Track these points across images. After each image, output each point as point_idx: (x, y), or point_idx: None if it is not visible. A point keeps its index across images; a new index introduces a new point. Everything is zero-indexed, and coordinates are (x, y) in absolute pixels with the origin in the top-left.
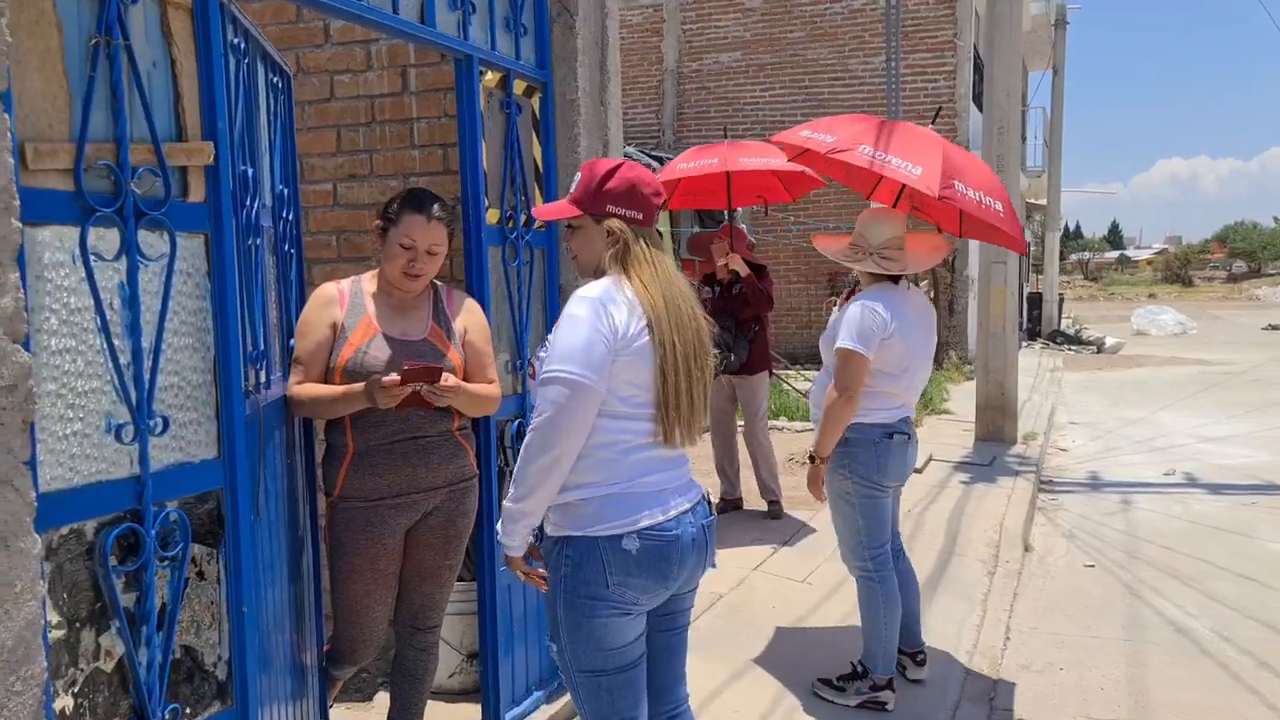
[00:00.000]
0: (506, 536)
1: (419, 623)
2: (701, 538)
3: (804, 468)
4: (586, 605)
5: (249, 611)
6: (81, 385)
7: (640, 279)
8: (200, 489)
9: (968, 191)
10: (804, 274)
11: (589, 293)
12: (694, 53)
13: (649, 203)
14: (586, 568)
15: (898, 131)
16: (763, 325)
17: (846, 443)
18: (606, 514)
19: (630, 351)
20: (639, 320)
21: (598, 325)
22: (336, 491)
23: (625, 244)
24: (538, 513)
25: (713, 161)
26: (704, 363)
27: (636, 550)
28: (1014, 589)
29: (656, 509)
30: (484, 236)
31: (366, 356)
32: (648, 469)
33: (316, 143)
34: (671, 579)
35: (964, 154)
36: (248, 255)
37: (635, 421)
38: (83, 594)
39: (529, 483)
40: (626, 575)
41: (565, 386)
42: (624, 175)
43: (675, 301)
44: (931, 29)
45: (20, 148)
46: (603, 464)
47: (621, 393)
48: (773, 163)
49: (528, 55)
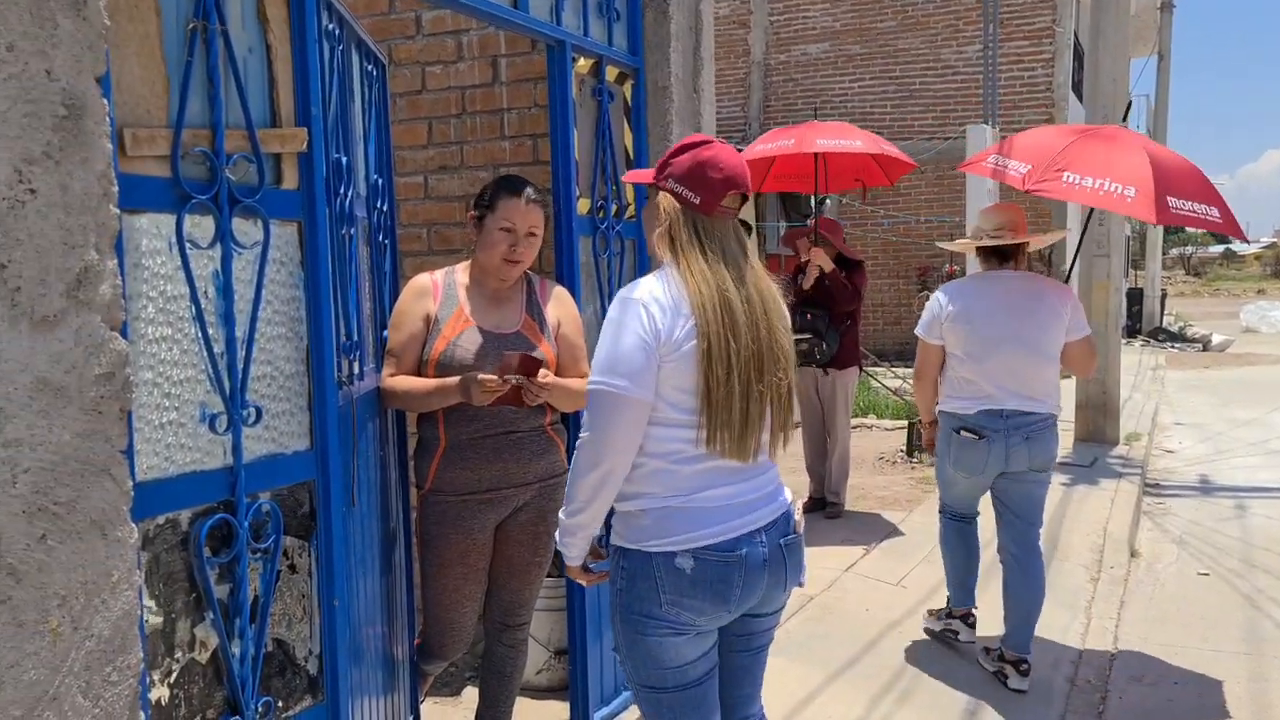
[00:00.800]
0: (565, 548)
1: (508, 619)
2: (778, 557)
3: (894, 466)
4: (640, 623)
5: (340, 605)
6: (177, 374)
7: (689, 270)
8: (293, 480)
9: (1183, 205)
10: (893, 269)
11: (629, 293)
12: (781, 44)
13: (712, 187)
14: (640, 584)
15: (1095, 145)
16: (855, 320)
17: (935, 423)
18: (662, 528)
19: (678, 355)
20: (688, 320)
21: (637, 329)
22: (428, 485)
23: (670, 226)
24: (594, 524)
25: (789, 142)
26: (772, 376)
27: (691, 570)
28: (1120, 596)
29: (717, 526)
30: (575, 226)
31: (458, 349)
32: (710, 481)
33: (408, 135)
34: (733, 601)
35: (1166, 154)
36: (341, 245)
37: (686, 430)
38: (178, 585)
39: (581, 498)
40: (680, 595)
41: (605, 399)
42: (698, 152)
43: (731, 299)
44: (1030, 15)
45: (119, 133)
46: (658, 474)
47: (671, 398)
48: (854, 145)
49: (620, 41)
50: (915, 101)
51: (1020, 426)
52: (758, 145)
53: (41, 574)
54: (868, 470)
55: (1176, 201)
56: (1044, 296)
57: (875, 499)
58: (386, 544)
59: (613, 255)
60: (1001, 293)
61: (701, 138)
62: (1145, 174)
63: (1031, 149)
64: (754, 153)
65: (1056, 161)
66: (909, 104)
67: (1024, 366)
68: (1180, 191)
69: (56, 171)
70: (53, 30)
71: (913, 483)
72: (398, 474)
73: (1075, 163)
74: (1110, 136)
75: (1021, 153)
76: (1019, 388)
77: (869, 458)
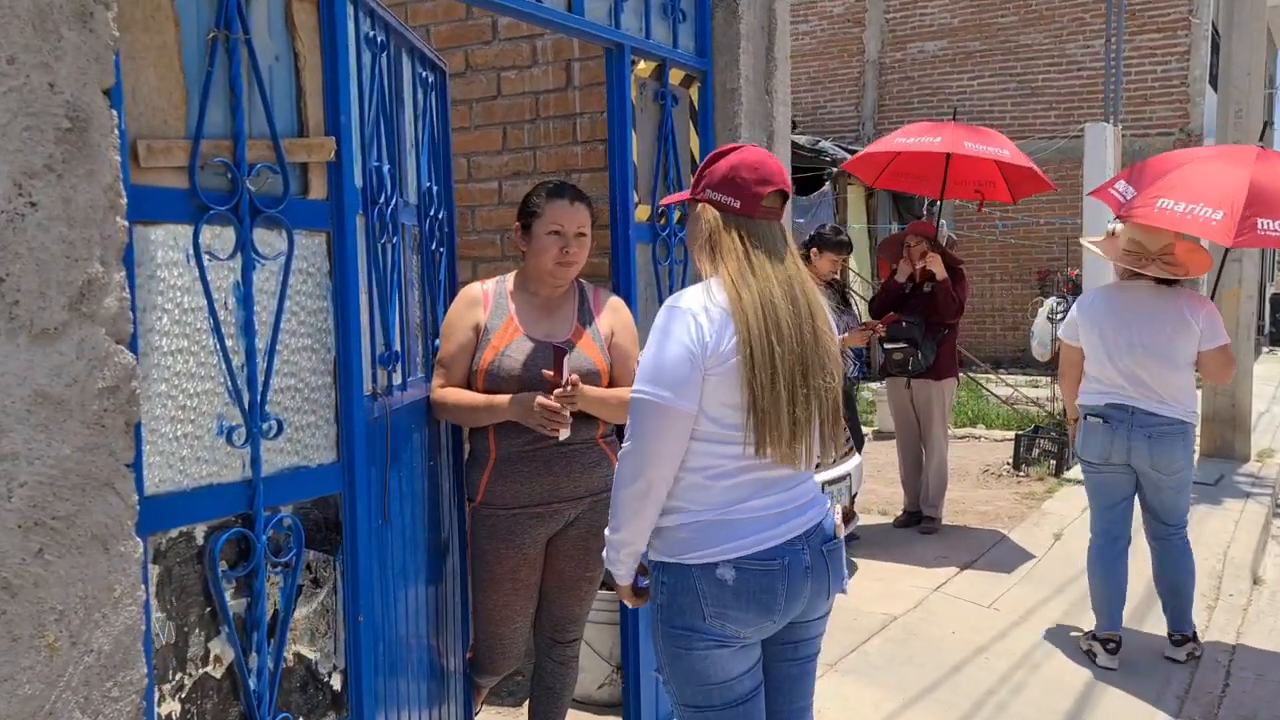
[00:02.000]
0: (611, 565)
1: (558, 635)
2: (820, 565)
3: (1000, 480)
4: (683, 637)
5: (366, 620)
6: (193, 387)
7: (729, 273)
8: (317, 494)
9: (1269, 228)
10: (1011, 272)
11: (677, 301)
12: (897, 42)
13: (748, 189)
14: (681, 597)
15: (1206, 169)
16: (952, 328)
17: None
18: (699, 540)
19: (724, 369)
20: (734, 332)
21: (683, 339)
22: (478, 498)
23: (713, 234)
24: (640, 541)
25: (935, 140)
26: (819, 380)
27: (733, 580)
28: (1237, 628)
29: (755, 536)
30: (632, 234)
31: (507, 359)
32: (746, 493)
33: (483, 140)
34: (777, 611)
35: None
36: (381, 254)
37: (727, 445)
38: (192, 598)
39: (623, 512)
40: (724, 607)
41: (648, 410)
42: (729, 159)
43: (776, 303)
44: (1163, 5)
45: (133, 145)
46: (693, 488)
47: (713, 413)
48: (1001, 153)
49: (686, 43)
50: (1037, 99)
51: (1144, 425)
52: (897, 137)
53: (38, 588)
54: (971, 483)
55: (1266, 223)
56: (1174, 307)
57: (975, 514)
58: (435, 554)
59: (674, 263)
60: (1132, 302)
61: (732, 145)
62: (1238, 196)
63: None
64: (892, 145)
65: (1157, 188)
66: (1030, 101)
67: (1151, 373)
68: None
69: (59, 184)
70: (56, 43)
71: (1017, 498)
72: (451, 484)
73: (1174, 188)
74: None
75: (1140, 177)
76: (1146, 391)
77: (973, 470)
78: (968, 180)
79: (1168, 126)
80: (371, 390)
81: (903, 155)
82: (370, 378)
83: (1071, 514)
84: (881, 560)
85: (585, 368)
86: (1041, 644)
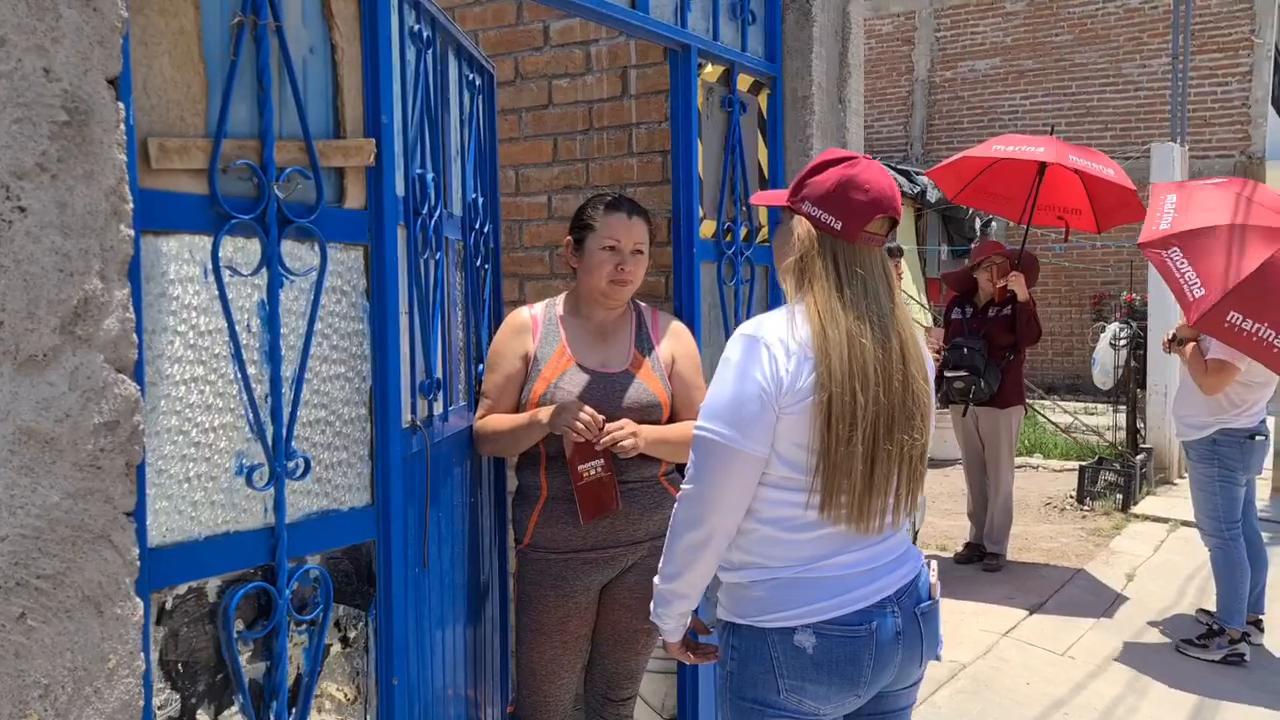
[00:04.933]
0: (659, 620)
1: (611, 693)
2: (913, 629)
3: (1063, 514)
4: (754, 711)
5: (400, 683)
6: (208, 420)
7: (816, 304)
8: (348, 541)
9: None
10: (1065, 296)
11: (752, 330)
12: (947, 60)
13: (857, 211)
14: (754, 665)
15: (1220, 231)
16: (1019, 353)
17: (1215, 442)
18: (776, 602)
19: (799, 408)
20: (814, 369)
21: (756, 374)
22: (526, 539)
23: (804, 256)
24: (693, 595)
25: (1038, 150)
26: (904, 435)
27: (813, 649)
28: None
29: (840, 597)
30: (696, 251)
31: (559, 391)
32: (830, 549)
33: (533, 152)
34: (862, 684)
35: None
36: (423, 271)
37: (805, 494)
38: (201, 664)
39: (677, 561)
40: (802, 679)
41: (712, 450)
42: (839, 170)
43: (864, 344)
44: (1225, 25)
45: (143, 143)
46: (768, 542)
47: (787, 455)
48: (1106, 171)
49: (755, 47)
50: (1093, 119)
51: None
52: (994, 145)
53: (19, 659)
54: (1032, 517)
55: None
56: None
57: (1040, 550)
58: (475, 599)
59: (740, 283)
60: None
61: (843, 153)
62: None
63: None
64: (989, 151)
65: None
66: (1085, 121)
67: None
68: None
69: (53, 186)
70: (54, 22)
71: (1083, 534)
72: (492, 520)
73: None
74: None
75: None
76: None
77: (1034, 502)
78: (1054, 205)
79: (1228, 149)
80: (410, 422)
81: (989, 171)
82: (409, 408)
83: (1144, 553)
84: (944, 599)
85: (645, 400)
86: (1124, 698)
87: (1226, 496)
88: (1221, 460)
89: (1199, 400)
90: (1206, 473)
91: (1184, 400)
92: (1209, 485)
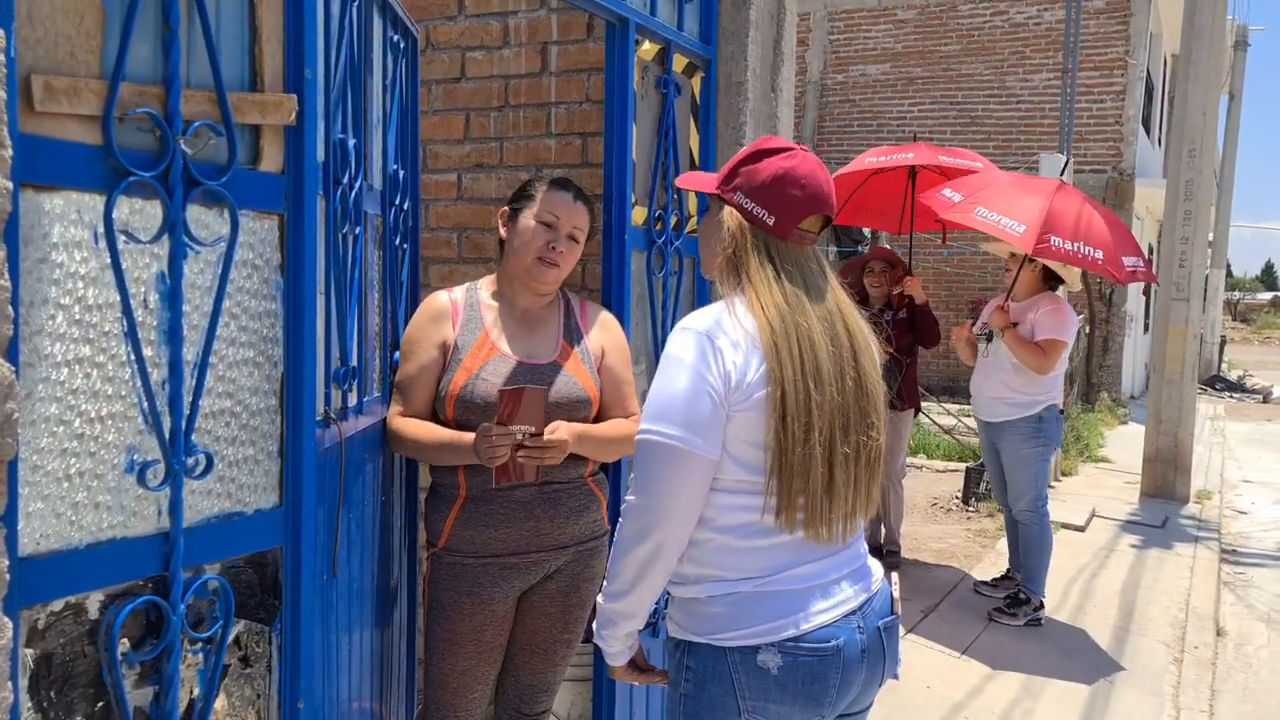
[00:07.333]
0: (603, 642)
1: (525, 706)
2: (876, 645)
3: (949, 515)
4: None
5: (306, 707)
6: (95, 409)
7: (758, 299)
8: (253, 548)
9: (1060, 245)
10: (945, 301)
11: (693, 323)
12: (839, 63)
13: (791, 207)
14: (712, 686)
15: (1012, 187)
16: (914, 358)
17: (1041, 419)
18: (736, 618)
19: (749, 404)
20: (763, 361)
21: (702, 370)
22: (441, 542)
23: (736, 250)
24: (641, 614)
25: (908, 156)
26: (861, 435)
27: (778, 669)
28: (1210, 684)
29: (805, 612)
30: (628, 238)
31: (481, 383)
32: (790, 559)
33: (442, 127)
34: (827, 705)
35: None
36: (341, 246)
37: (761, 496)
38: (79, 691)
39: (626, 577)
40: (765, 700)
41: (658, 454)
42: (777, 162)
43: (814, 337)
44: (1102, 46)
45: (24, 80)
46: (724, 551)
47: (741, 457)
48: (974, 165)
49: (691, 26)
50: (977, 128)
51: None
52: (867, 158)
53: None
54: (920, 517)
55: (1057, 240)
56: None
57: (930, 550)
58: (383, 606)
59: (669, 274)
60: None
61: (781, 143)
62: (1039, 215)
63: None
64: (863, 165)
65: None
66: (970, 130)
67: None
68: (1067, 233)
69: None
70: None
71: (970, 535)
72: (403, 520)
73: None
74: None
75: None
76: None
77: (921, 503)
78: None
79: (1101, 164)
80: (324, 414)
81: (863, 189)
82: (323, 398)
83: None
84: None
85: (574, 395)
86: (1020, 700)
87: (1044, 472)
88: (1046, 436)
89: (1026, 379)
90: (1030, 451)
91: (1002, 383)
92: (1033, 463)
